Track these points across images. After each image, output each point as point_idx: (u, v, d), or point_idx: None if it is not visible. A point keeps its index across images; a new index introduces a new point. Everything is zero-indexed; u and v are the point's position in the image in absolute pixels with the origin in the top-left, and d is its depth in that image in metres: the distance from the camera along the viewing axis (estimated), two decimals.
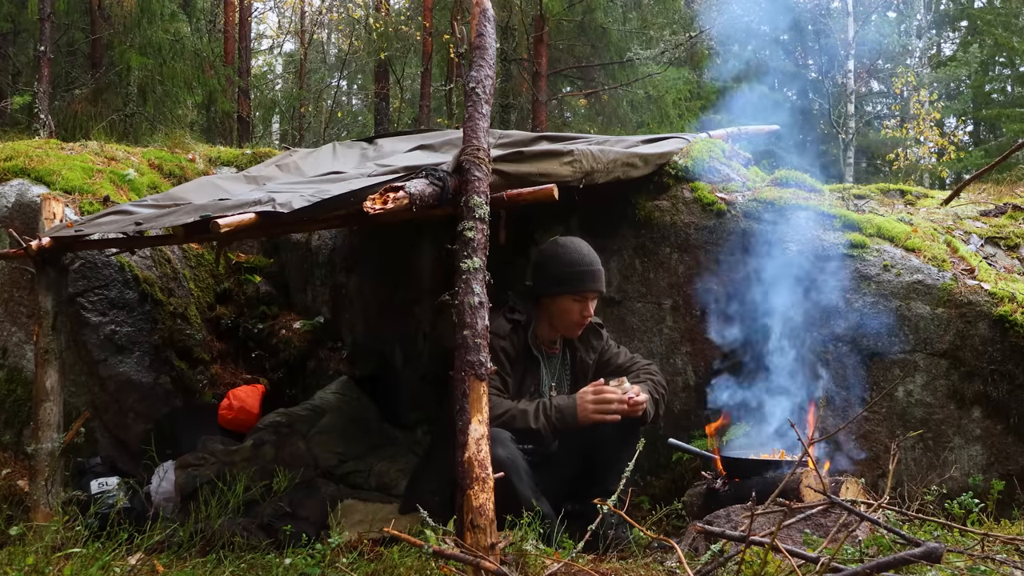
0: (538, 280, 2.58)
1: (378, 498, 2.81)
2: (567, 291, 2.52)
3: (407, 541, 1.98)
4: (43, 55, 7.02)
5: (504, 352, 2.50)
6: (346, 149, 3.67)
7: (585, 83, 10.37)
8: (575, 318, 2.55)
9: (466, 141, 2.33)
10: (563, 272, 2.52)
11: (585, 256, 2.54)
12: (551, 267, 2.55)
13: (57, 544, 2.20)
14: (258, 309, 4.08)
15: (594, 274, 2.54)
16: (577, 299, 2.53)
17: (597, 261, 2.56)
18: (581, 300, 2.53)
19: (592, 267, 2.54)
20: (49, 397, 2.75)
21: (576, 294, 2.52)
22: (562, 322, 2.57)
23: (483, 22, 2.46)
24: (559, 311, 2.55)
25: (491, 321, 2.48)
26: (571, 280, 2.51)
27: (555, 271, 2.53)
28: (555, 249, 2.58)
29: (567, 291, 2.52)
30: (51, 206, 2.88)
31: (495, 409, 2.36)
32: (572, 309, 2.54)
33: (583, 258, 2.54)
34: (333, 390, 3.53)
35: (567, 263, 2.53)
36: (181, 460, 2.88)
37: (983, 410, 2.60)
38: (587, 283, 2.52)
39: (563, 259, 2.54)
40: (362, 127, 15.17)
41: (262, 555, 2.32)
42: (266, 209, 2.25)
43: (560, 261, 2.54)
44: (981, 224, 3.17)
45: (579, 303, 2.53)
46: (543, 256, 2.60)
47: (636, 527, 2.02)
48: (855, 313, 2.73)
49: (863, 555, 1.85)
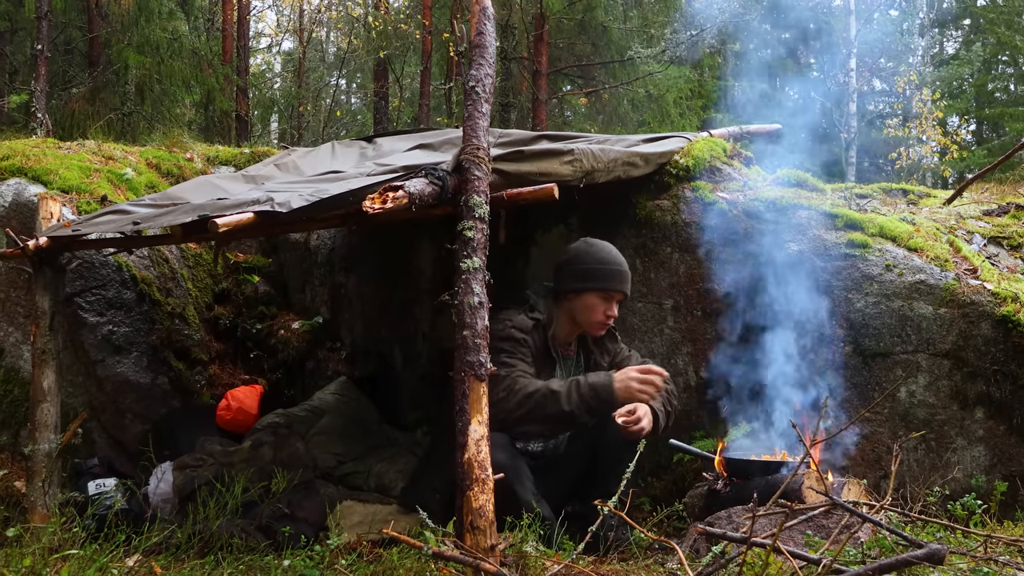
0: (564, 276, 2.60)
1: (377, 499, 2.79)
2: (595, 287, 2.54)
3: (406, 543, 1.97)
4: (40, 53, 6.99)
5: (527, 345, 2.51)
6: (345, 148, 3.66)
7: (585, 82, 10.36)
8: (599, 316, 2.56)
9: (466, 140, 2.32)
10: (594, 268, 2.54)
11: (616, 257, 2.59)
12: (581, 263, 2.56)
13: (54, 546, 2.19)
14: (256, 309, 4.07)
15: (623, 275, 2.58)
16: (604, 297, 2.55)
17: (625, 264, 2.60)
18: (607, 299, 2.56)
19: (622, 268, 2.58)
20: (46, 398, 2.74)
21: (604, 291, 2.55)
22: (585, 319, 2.58)
23: (483, 20, 2.45)
24: (583, 307, 2.56)
25: (512, 318, 2.50)
26: (601, 277, 2.54)
27: (585, 267, 2.55)
28: (586, 247, 2.61)
29: (595, 287, 2.54)
30: (48, 205, 2.88)
31: (525, 388, 2.36)
32: (597, 307, 2.55)
33: (614, 258, 2.58)
34: (332, 391, 3.52)
35: (599, 260, 2.56)
36: (179, 461, 2.86)
37: (986, 411, 2.59)
38: (616, 282, 2.55)
39: (594, 256, 2.56)
40: (361, 126, 15.15)
41: (260, 557, 2.32)
42: (264, 209, 2.24)
43: (592, 257, 2.56)
44: (984, 224, 3.16)
45: (605, 302, 2.55)
46: (572, 252, 2.61)
47: (637, 528, 2.01)
48: (857, 313, 2.72)
49: (865, 557, 1.84)
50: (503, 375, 2.34)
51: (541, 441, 2.58)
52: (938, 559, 1.54)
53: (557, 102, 10.65)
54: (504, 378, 2.35)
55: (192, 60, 8.46)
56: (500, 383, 2.32)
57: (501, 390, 2.33)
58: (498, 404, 2.28)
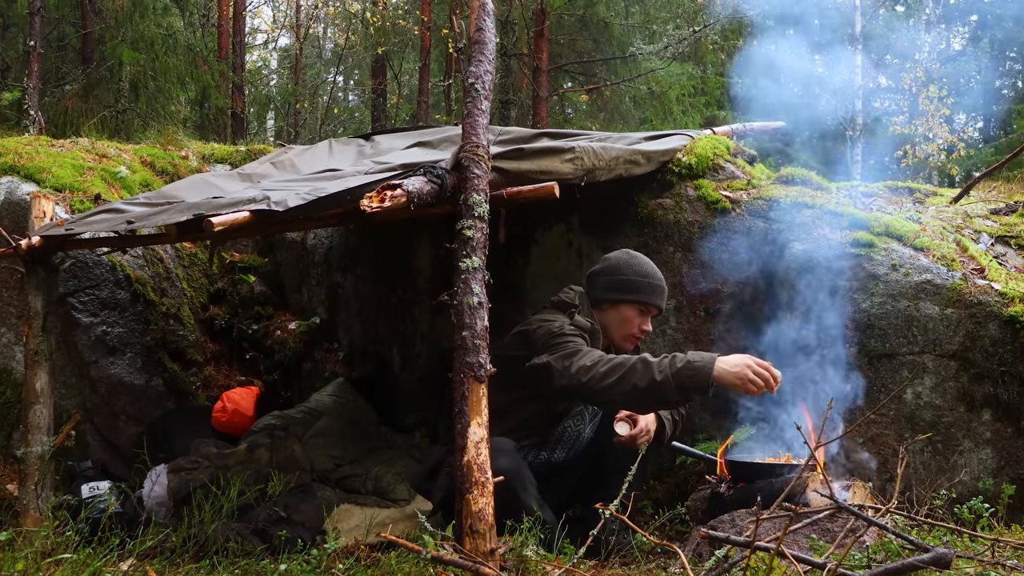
0: (601, 286, 2.52)
1: (375, 503, 2.78)
2: (634, 300, 2.48)
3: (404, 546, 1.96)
4: (33, 50, 6.96)
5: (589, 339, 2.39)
6: (342, 146, 3.66)
7: (587, 79, 10.33)
8: (633, 330, 2.50)
9: (465, 138, 2.32)
10: (634, 280, 2.48)
11: (657, 271, 2.54)
12: (621, 273, 2.50)
13: (47, 550, 2.18)
14: (253, 309, 4.06)
15: (663, 290, 2.52)
16: (641, 310, 2.49)
17: (664, 281, 2.54)
18: (644, 313, 2.50)
19: (663, 283, 2.53)
20: (39, 399, 2.72)
21: (642, 304, 2.49)
22: (619, 332, 2.51)
23: (482, 16, 2.45)
24: (619, 320, 2.50)
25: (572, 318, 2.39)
26: (642, 290, 2.48)
27: (625, 278, 2.49)
28: (628, 258, 2.55)
29: (634, 300, 2.48)
30: (41, 204, 2.86)
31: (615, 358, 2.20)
32: (633, 320, 2.49)
33: (655, 272, 2.53)
34: (329, 392, 3.50)
35: (641, 273, 2.50)
36: (174, 464, 2.85)
37: (993, 413, 2.57)
38: (656, 296, 2.50)
39: (636, 268, 2.51)
40: (359, 123, 15.11)
41: (256, 561, 2.30)
42: (261, 207, 2.23)
43: (633, 270, 2.50)
44: (991, 222, 3.14)
45: (641, 315, 2.50)
46: (612, 262, 2.55)
47: (639, 532, 1.99)
48: (862, 313, 2.70)
49: (871, 561, 1.83)
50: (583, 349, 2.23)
51: (566, 449, 2.54)
52: (945, 563, 1.53)
53: (558, 99, 10.62)
54: (588, 351, 2.23)
55: (187, 56, 8.42)
56: (582, 355, 2.21)
57: (586, 359, 2.20)
58: (588, 371, 2.17)
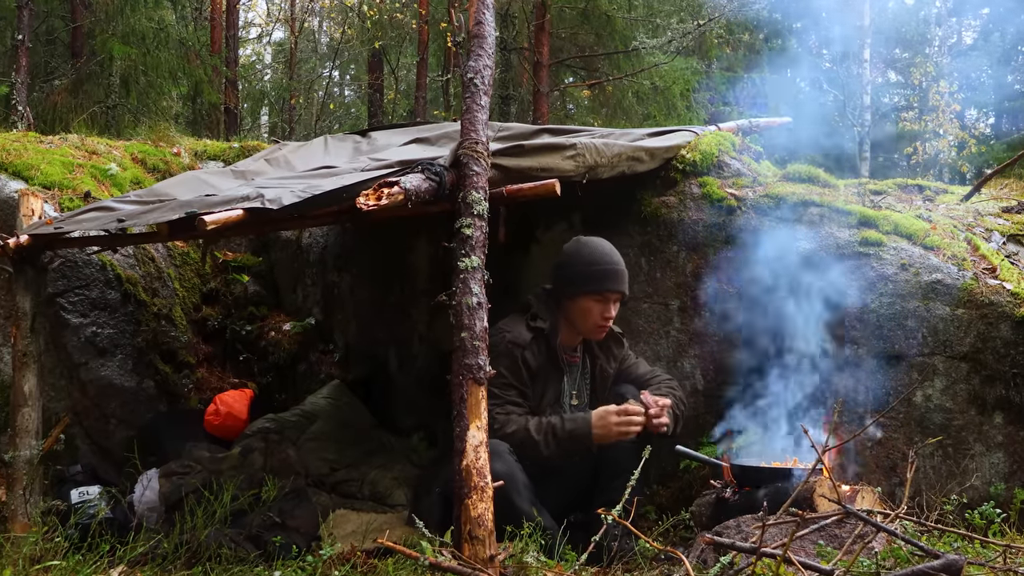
0: (559, 280, 2.53)
1: (371, 507, 2.78)
2: (588, 291, 2.47)
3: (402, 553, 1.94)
4: (21, 44, 6.90)
5: (525, 363, 2.45)
6: (338, 143, 3.65)
7: (588, 73, 10.26)
8: (596, 320, 2.49)
9: (464, 134, 2.31)
10: (584, 271, 2.47)
11: (607, 255, 2.50)
12: (572, 266, 2.50)
13: (36, 556, 2.17)
14: (246, 310, 4.05)
15: (616, 274, 2.49)
16: (598, 299, 2.48)
17: (620, 261, 2.51)
18: (602, 301, 2.48)
19: (614, 266, 2.49)
20: (27, 402, 2.71)
21: (597, 294, 2.47)
22: (583, 324, 2.52)
23: (482, 9, 2.46)
24: (579, 312, 2.50)
25: (512, 328, 2.45)
26: (592, 279, 2.46)
27: (576, 270, 2.48)
28: (576, 247, 2.54)
29: (588, 291, 2.47)
30: (29, 202, 2.84)
31: (504, 428, 2.35)
32: (592, 310, 2.48)
33: (604, 257, 2.49)
34: (324, 395, 3.50)
35: (588, 261, 2.48)
36: (165, 468, 2.84)
37: (1005, 416, 2.55)
38: (608, 282, 2.46)
39: (585, 258, 2.49)
40: (355, 119, 15.09)
41: (250, 567, 2.31)
42: (255, 205, 2.23)
43: (581, 260, 2.49)
44: (1003, 221, 3.14)
45: (600, 304, 2.48)
46: (564, 255, 2.55)
47: (642, 538, 1.96)
48: (871, 314, 2.68)
49: (879, 567, 1.80)
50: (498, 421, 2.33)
51: None
52: (955, 570, 1.54)
53: (559, 94, 10.56)
54: (504, 422, 2.35)
55: (179, 51, 8.38)
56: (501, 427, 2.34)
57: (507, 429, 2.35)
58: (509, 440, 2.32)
